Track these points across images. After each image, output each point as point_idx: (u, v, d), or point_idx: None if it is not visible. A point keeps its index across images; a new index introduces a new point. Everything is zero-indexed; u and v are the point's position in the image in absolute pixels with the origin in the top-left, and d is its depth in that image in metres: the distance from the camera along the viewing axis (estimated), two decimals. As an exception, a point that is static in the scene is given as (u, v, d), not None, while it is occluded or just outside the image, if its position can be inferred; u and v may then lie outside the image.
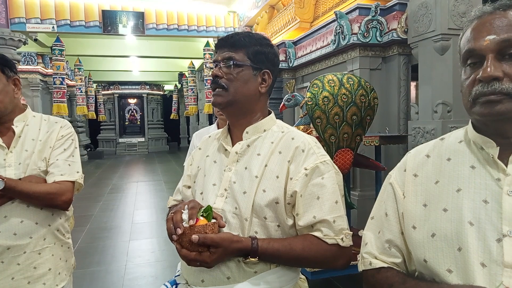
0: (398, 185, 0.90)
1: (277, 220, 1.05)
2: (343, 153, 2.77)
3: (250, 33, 1.15)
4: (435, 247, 0.78)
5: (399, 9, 3.87)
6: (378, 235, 0.90)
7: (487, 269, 0.71)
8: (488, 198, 0.75)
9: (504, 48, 0.74)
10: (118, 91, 18.45)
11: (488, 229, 0.73)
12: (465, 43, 0.80)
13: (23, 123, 1.55)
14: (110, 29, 8.57)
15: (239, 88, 1.10)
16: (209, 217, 1.00)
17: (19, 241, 1.43)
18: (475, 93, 0.76)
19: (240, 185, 1.07)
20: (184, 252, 0.98)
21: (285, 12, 6.50)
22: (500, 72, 0.73)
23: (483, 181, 0.77)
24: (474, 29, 0.79)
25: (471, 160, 0.81)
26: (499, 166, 0.76)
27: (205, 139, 1.32)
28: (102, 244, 4.60)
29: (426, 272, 0.81)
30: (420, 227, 0.82)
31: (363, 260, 0.91)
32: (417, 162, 0.89)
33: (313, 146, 1.09)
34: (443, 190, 0.81)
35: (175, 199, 1.29)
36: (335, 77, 2.72)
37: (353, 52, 4.17)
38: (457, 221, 0.76)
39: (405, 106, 4.04)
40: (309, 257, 1.03)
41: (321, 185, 1.04)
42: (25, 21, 7.90)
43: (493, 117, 0.75)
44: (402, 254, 0.87)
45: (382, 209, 0.92)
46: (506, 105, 0.73)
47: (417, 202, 0.84)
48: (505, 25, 0.74)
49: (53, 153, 1.54)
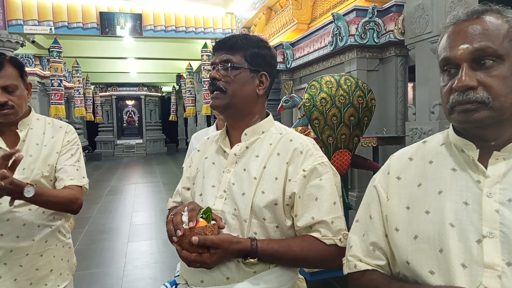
0: (382, 188, 0.91)
1: (276, 221, 1.06)
2: (341, 154, 2.78)
3: (247, 36, 1.16)
4: (418, 249, 0.79)
5: (396, 10, 3.89)
6: (363, 238, 0.91)
7: (468, 270, 0.72)
8: (469, 200, 0.77)
9: (478, 57, 0.74)
10: (116, 92, 18.41)
11: (469, 230, 0.74)
12: (442, 51, 0.80)
13: (27, 127, 1.55)
14: (108, 31, 8.56)
15: (237, 90, 1.11)
16: (208, 219, 1.01)
17: (22, 244, 1.45)
18: (451, 101, 0.77)
19: (239, 187, 1.08)
20: (185, 254, 0.99)
21: (283, 14, 6.52)
22: (475, 81, 0.74)
23: (464, 183, 0.79)
24: (449, 36, 0.79)
25: (453, 163, 0.82)
26: (479, 169, 0.78)
27: (203, 141, 1.33)
28: (100, 246, 4.60)
29: (409, 274, 0.82)
30: (403, 229, 0.83)
31: (348, 263, 0.92)
32: (400, 165, 0.90)
33: (311, 148, 1.10)
34: (425, 192, 0.83)
35: (174, 200, 1.30)
36: (332, 79, 2.73)
37: (351, 53, 4.19)
38: (439, 223, 0.78)
39: (403, 107, 4.06)
40: (308, 257, 1.04)
41: (319, 186, 1.05)
42: (23, 22, 7.88)
43: (470, 124, 0.76)
44: (387, 256, 0.87)
45: (367, 212, 0.93)
46: (482, 113, 0.74)
47: (400, 205, 0.85)
48: (478, 33, 0.75)
49: (60, 158, 1.55)
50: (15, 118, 1.50)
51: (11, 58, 1.47)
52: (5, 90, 1.42)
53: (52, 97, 8.93)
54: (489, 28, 0.75)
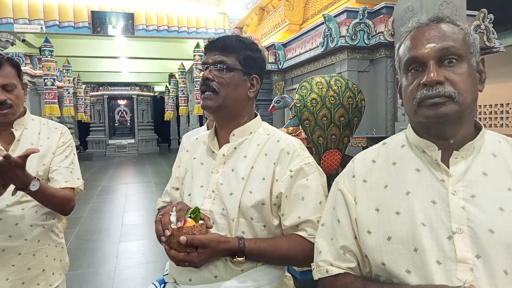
0: (348, 191, 0.92)
1: (263, 220, 1.08)
2: (331, 154, 2.81)
3: (241, 38, 1.17)
4: (392, 249, 0.82)
5: (386, 12, 3.93)
6: (331, 242, 0.92)
7: (443, 266, 0.76)
8: (436, 198, 0.80)
9: (443, 56, 0.80)
10: (108, 92, 18.28)
11: (439, 228, 0.78)
12: (406, 51, 0.85)
13: (22, 127, 1.55)
14: (100, 30, 8.51)
15: (229, 92, 1.12)
16: (196, 219, 1.02)
17: (14, 243, 1.45)
18: (420, 96, 0.81)
19: (227, 187, 1.10)
20: (173, 253, 1.00)
21: (275, 14, 6.54)
22: (442, 77, 0.79)
23: (429, 182, 0.82)
24: (413, 38, 0.85)
25: (416, 164, 0.86)
26: (442, 168, 0.82)
27: (192, 141, 1.34)
28: (91, 246, 4.58)
29: (383, 274, 0.84)
30: (375, 232, 0.85)
31: (318, 268, 0.92)
32: (364, 168, 0.93)
33: (297, 149, 1.12)
34: (393, 194, 0.86)
35: (163, 200, 1.32)
36: (323, 80, 2.76)
37: (342, 54, 4.22)
38: (410, 223, 0.81)
39: (392, 107, 4.10)
40: (294, 255, 1.06)
41: (306, 186, 1.07)
42: (13, 21, 7.79)
43: (438, 118, 0.80)
44: (357, 258, 0.89)
45: (333, 216, 0.94)
46: (450, 107, 0.79)
47: (369, 207, 0.88)
48: (442, 35, 0.82)
49: (55, 159, 1.56)
50: (13, 118, 1.51)
51: (8, 58, 1.48)
52: (4, 89, 1.44)
53: (46, 96, 8.85)
54: (449, 32, 0.83)
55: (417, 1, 3.05)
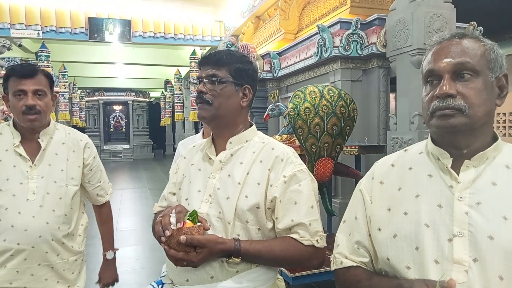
0: (366, 191, 1.01)
1: (258, 223, 1.14)
2: (324, 162, 2.88)
3: (231, 52, 1.25)
4: (397, 246, 0.89)
5: (378, 24, 4.03)
6: (349, 237, 1.01)
7: (440, 266, 0.82)
8: (442, 203, 0.87)
9: (458, 70, 0.86)
10: (103, 97, 18.27)
11: (442, 230, 0.84)
12: (427, 64, 0.92)
13: (47, 136, 1.60)
14: (97, 36, 8.56)
15: (222, 103, 1.19)
16: (194, 221, 1.08)
17: (35, 254, 1.52)
18: (432, 107, 0.88)
19: (223, 191, 1.16)
20: (172, 253, 1.06)
21: (271, 23, 6.64)
22: (454, 90, 0.85)
23: (439, 187, 0.89)
24: (434, 52, 0.91)
25: (429, 169, 0.93)
26: (452, 175, 0.88)
27: (190, 149, 1.40)
28: (85, 252, 4.57)
29: (389, 270, 0.92)
30: (384, 229, 0.93)
31: (335, 260, 1.02)
32: (383, 170, 1.01)
33: (291, 156, 1.19)
34: (404, 195, 0.93)
35: (160, 205, 1.37)
36: (316, 89, 2.84)
37: (335, 64, 4.31)
38: (415, 223, 0.88)
39: (385, 116, 4.19)
40: (287, 257, 1.12)
41: (298, 191, 1.14)
42: (10, 26, 7.83)
43: (447, 129, 0.86)
44: (370, 254, 0.97)
45: (352, 213, 1.03)
46: (458, 119, 0.84)
47: (383, 207, 0.95)
48: (459, 51, 0.87)
49: (94, 176, 1.75)
50: (40, 125, 1.56)
51: (43, 69, 1.58)
52: (36, 94, 1.50)
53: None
54: (469, 47, 0.87)
55: (409, 13, 3.15)
